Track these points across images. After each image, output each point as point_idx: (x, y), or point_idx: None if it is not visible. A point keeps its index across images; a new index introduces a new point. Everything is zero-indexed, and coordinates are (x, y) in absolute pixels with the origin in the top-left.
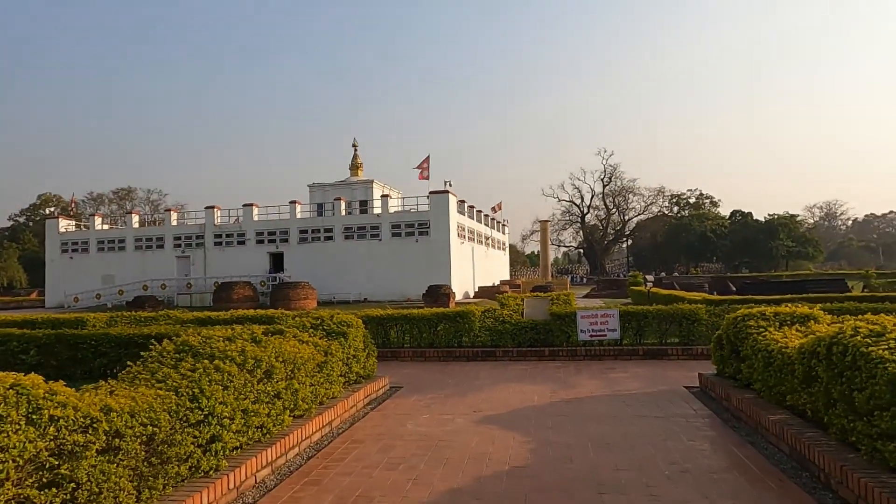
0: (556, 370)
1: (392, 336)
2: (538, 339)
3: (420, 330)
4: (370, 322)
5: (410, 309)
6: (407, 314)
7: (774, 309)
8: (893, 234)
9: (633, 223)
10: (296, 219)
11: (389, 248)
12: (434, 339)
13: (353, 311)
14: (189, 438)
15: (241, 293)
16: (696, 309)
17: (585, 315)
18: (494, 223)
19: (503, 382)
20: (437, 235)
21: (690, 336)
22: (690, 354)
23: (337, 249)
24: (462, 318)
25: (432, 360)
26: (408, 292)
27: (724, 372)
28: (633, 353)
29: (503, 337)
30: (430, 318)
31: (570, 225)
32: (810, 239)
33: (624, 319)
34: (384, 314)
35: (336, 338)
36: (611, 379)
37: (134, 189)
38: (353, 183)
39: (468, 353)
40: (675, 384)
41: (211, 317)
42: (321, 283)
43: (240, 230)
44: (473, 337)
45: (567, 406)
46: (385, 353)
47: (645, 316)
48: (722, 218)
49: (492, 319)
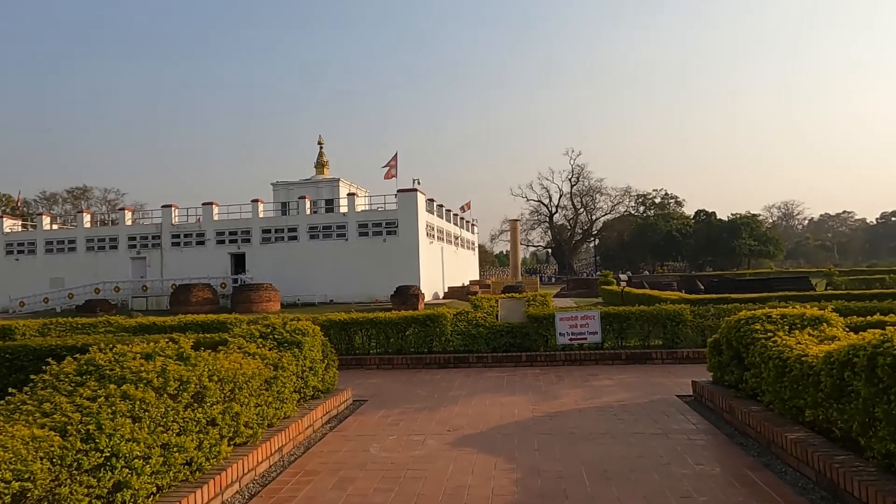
0: (535, 378)
1: (357, 342)
2: (514, 344)
3: (387, 335)
4: (332, 327)
5: (377, 312)
6: (373, 318)
7: (781, 311)
8: (846, 233)
9: (601, 223)
10: (258, 218)
11: (356, 249)
12: (403, 344)
13: (317, 313)
14: (82, 490)
15: (200, 295)
16: (680, 310)
17: (564, 317)
18: (463, 222)
19: (479, 393)
20: (405, 235)
21: (675, 338)
22: (675, 358)
23: (301, 250)
24: (433, 322)
25: (401, 367)
26: (375, 293)
27: (722, 380)
28: (615, 357)
29: (477, 341)
30: (397, 323)
31: (539, 224)
32: (771, 238)
33: (605, 321)
34: (348, 318)
35: (289, 348)
36: (595, 387)
37: (90, 188)
38: (318, 181)
39: (440, 359)
40: (665, 392)
41: (156, 323)
42: (285, 285)
43: (199, 230)
44: (445, 342)
45: (552, 422)
46: (349, 360)
47: (627, 318)
48: (687, 218)
49: (464, 323)
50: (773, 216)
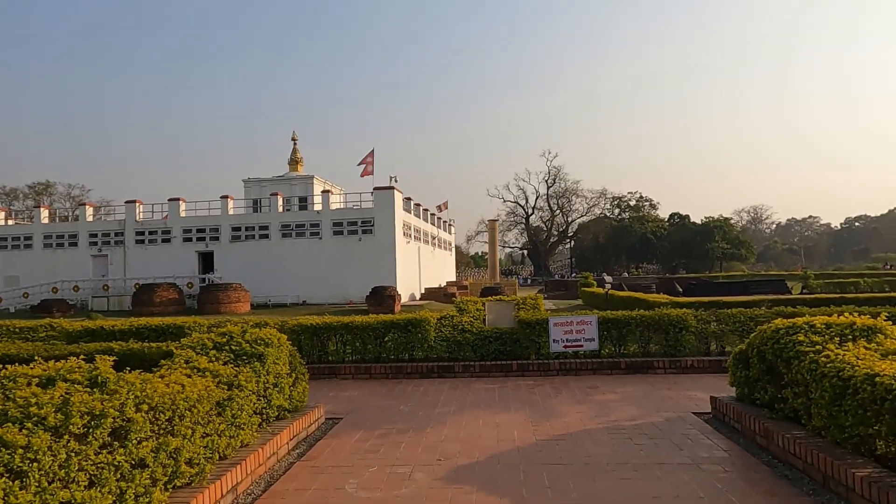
0: (529, 390)
1: (331, 349)
2: (504, 351)
3: (364, 341)
4: (303, 332)
5: (352, 316)
6: (349, 323)
7: (824, 319)
8: (812, 237)
9: (576, 225)
10: (228, 215)
11: (330, 248)
12: (381, 351)
13: (289, 315)
14: None
15: (165, 296)
16: (683, 315)
17: (559, 322)
18: (440, 222)
19: (470, 409)
20: (381, 234)
21: (677, 346)
22: (678, 367)
23: (273, 248)
24: (415, 328)
25: (379, 377)
26: (350, 294)
27: (750, 397)
28: (613, 366)
29: (463, 349)
30: (376, 328)
31: (515, 226)
32: (743, 241)
33: (602, 327)
34: (320, 323)
35: (249, 362)
36: (599, 403)
37: (53, 184)
38: (291, 178)
39: (422, 368)
40: (678, 409)
41: (104, 327)
42: (256, 285)
43: (165, 227)
44: (428, 349)
45: (560, 448)
46: (322, 369)
47: (627, 323)
48: (661, 220)
49: (449, 328)
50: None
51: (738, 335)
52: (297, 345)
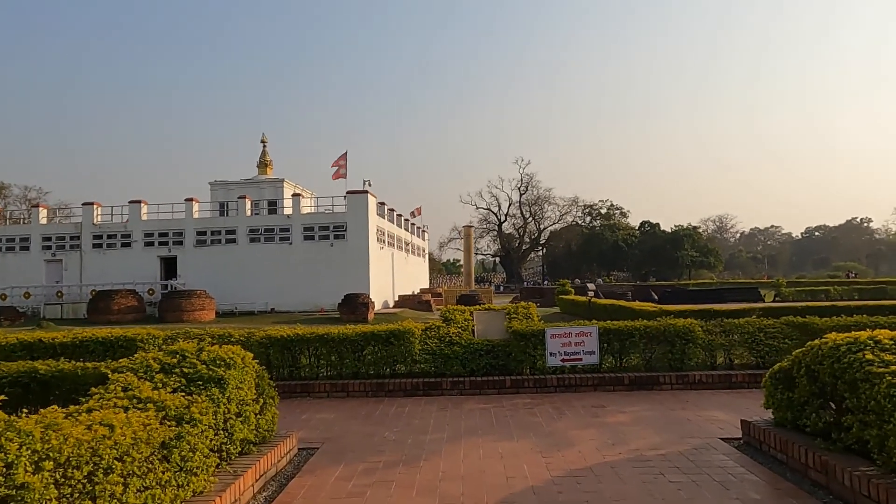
0: (528, 411)
1: (303, 363)
2: (496, 366)
3: (341, 355)
4: (273, 345)
5: (327, 327)
6: (324, 335)
7: (890, 333)
8: (775, 245)
9: (548, 232)
10: (193, 219)
11: (301, 253)
12: (360, 366)
13: (257, 323)
14: None
15: (123, 303)
16: (690, 326)
17: (556, 334)
18: (414, 228)
19: (466, 436)
20: (354, 239)
21: (684, 359)
22: (686, 383)
23: (241, 254)
24: (397, 340)
25: (357, 395)
26: (322, 302)
27: (795, 422)
28: (616, 381)
29: (451, 363)
30: (354, 340)
31: (488, 233)
32: (711, 249)
33: (603, 339)
34: (292, 335)
35: (205, 388)
36: (611, 426)
37: (7, 185)
38: (260, 182)
39: (406, 385)
40: (703, 434)
41: (43, 340)
42: (221, 292)
43: (125, 230)
44: (412, 363)
45: (582, 488)
46: (293, 387)
47: (631, 335)
48: (632, 228)
49: (435, 340)
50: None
51: (746, 347)
52: (266, 359)
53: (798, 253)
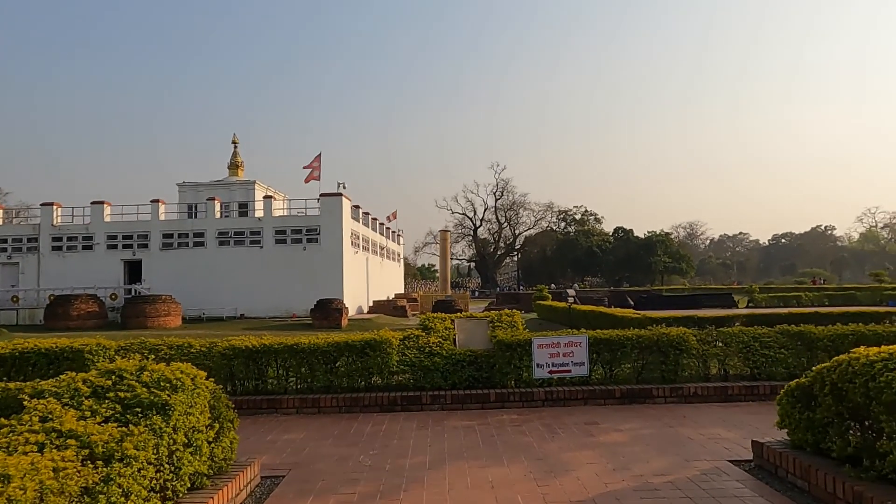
0: (517, 429)
1: (270, 376)
2: (479, 378)
3: (312, 367)
4: (236, 357)
5: (297, 336)
6: (293, 345)
7: None
8: (743, 252)
9: (523, 237)
10: (159, 221)
11: (272, 257)
12: (332, 379)
13: (226, 330)
14: None
15: (83, 308)
16: (684, 335)
17: (544, 344)
18: (389, 232)
19: (451, 460)
20: (328, 243)
21: (677, 370)
22: (679, 396)
23: (209, 257)
24: (373, 350)
25: (330, 410)
26: (293, 307)
27: (817, 445)
28: (607, 395)
29: (431, 375)
30: (326, 351)
31: (463, 238)
32: (683, 255)
33: (593, 349)
34: (258, 345)
35: (145, 415)
36: (609, 447)
37: None
38: (231, 183)
39: (382, 399)
40: (709, 455)
41: None
42: (189, 297)
43: (87, 233)
44: (389, 376)
45: None
46: (259, 402)
47: (622, 345)
48: (606, 234)
49: (415, 350)
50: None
51: (741, 357)
52: (229, 372)
53: (765, 259)
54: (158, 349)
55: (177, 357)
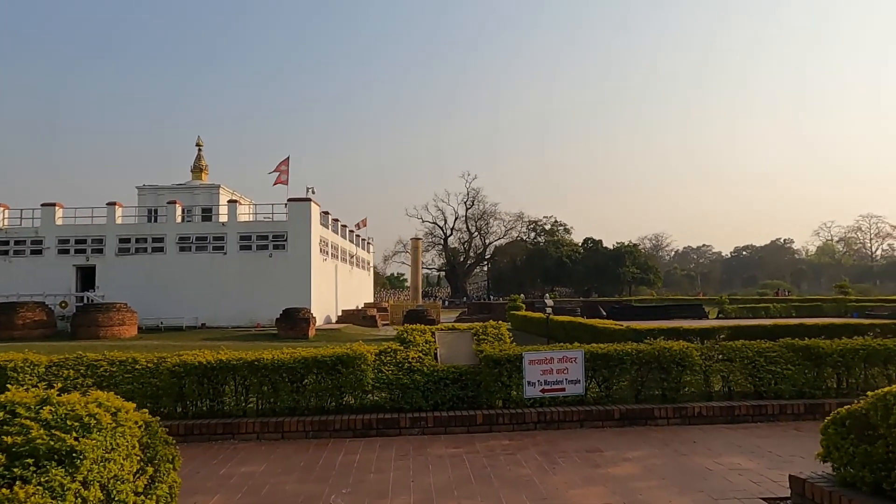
0: (511, 458)
1: (227, 396)
2: (464, 398)
3: (276, 386)
4: (188, 374)
5: (261, 351)
6: (254, 361)
7: None
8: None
9: (493, 247)
10: (115, 224)
11: (237, 264)
12: (299, 399)
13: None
14: None
15: (29, 317)
16: (687, 350)
17: (536, 360)
18: (359, 240)
19: (439, 500)
20: (295, 250)
21: (679, 388)
22: (683, 416)
23: (169, 264)
24: (346, 367)
25: (296, 436)
26: (258, 316)
27: (878, 484)
28: (605, 416)
29: (411, 394)
30: (292, 368)
31: (433, 247)
32: (651, 266)
33: (589, 365)
34: (213, 361)
35: (41, 469)
36: (621, 482)
37: None
38: (194, 187)
39: (356, 423)
40: (736, 490)
41: None
42: (146, 305)
43: (36, 236)
44: (363, 395)
45: None
46: (213, 427)
47: (621, 360)
48: (576, 245)
49: (392, 367)
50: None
51: (744, 374)
52: (178, 392)
53: (727, 271)
54: (98, 366)
55: (119, 375)
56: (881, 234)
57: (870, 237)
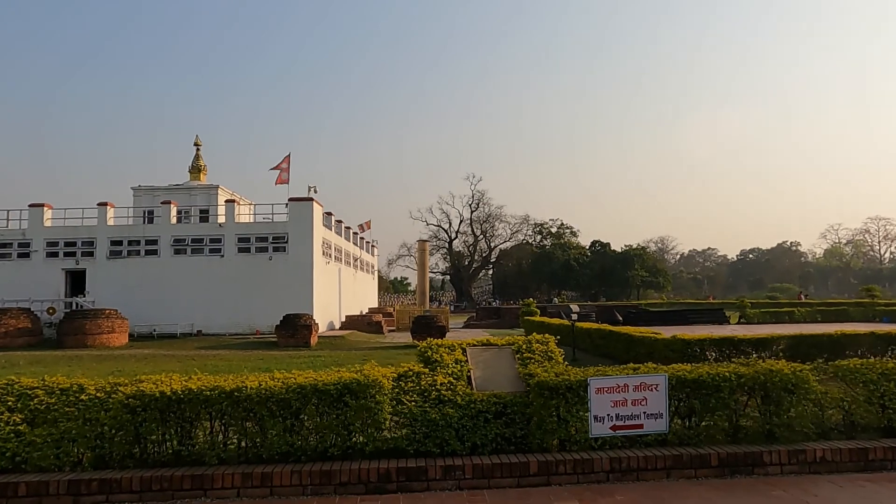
0: None
1: (199, 438)
2: (510, 438)
3: (262, 423)
4: (148, 409)
5: (245, 378)
6: (234, 391)
7: None
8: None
9: (498, 250)
10: (106, 226)
11: (235, 267)
12: (294, 441)
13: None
14: None
15: (13, 325)
16: (800, 372)
17: (605, 387)
18: (363, 242)
19: None
20: (297, 252)
21: (790, 424)
22: (801, 462)
23: (163, 267)
24: (355, 397)
25: (289, 492)
26: (257, 323)
27: None
28: (699, 462)
29: (441, 434)
30: (284, 399)
31: (438, 250)
32: (660, 270)
33: (673, 394)
34: (180, 391)
35: None
36: None
37: None
38: (192, 188)
39: (369, 473)
40: None
41: None
42: (138, 311)
43: (23, 239)
44: (377, 434)
45: None
46: (179, 480)
47: (717, 388)
48: (583, 248)
49: (415, 395)
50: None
51: (869, 403)
52: (133, 433)
53: (733, 274)
54: (32, 396)
55: (58, 408)
56: (889, 237)
57: (878, 240)
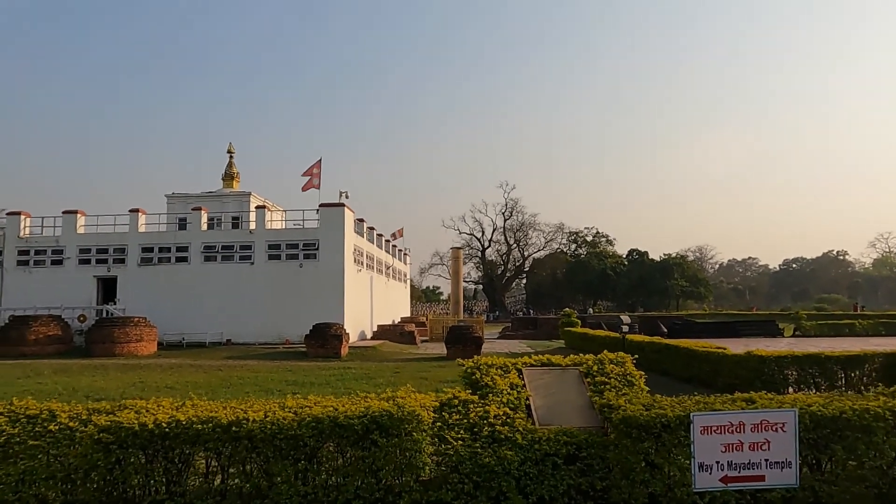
0: None
1: (191, 485)
2: (586, 489)
3: (268, 466)
4: (126, 446)
5: (246, 405)
6: (231, 425)
7: None
8: (752, 277)
9: (532, 259)
10: (137, 233)
11: (265, 275)
12: (308, 490)
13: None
14: None
15: (44, 332)
16: None
17: (712, 425)
18: (395, 250)
19: None
20: (327, 259)
21: None
22: None
23: (193, 274)
24: (386, 434)
25: None
26: (287, 332)
27: None
28: None
29: (497, 482)
30: (295, 437)
31: (470, 259)
32: (701, 279)
33: (805, 436)
34: (165, 424)
35: None
36: None
37: None
38: (224, 195)
39: None
40: None
41: None
42: (168, 319)
43: (57, 245)
44: (415, 483)
45: None
46: None
47: (866, 428)
48: (620, 256)
49: (462, 431)
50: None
51: None
52: (106, 476)
53: (776, 284)
54: None
55: (21, 440)
56: None
57: None
